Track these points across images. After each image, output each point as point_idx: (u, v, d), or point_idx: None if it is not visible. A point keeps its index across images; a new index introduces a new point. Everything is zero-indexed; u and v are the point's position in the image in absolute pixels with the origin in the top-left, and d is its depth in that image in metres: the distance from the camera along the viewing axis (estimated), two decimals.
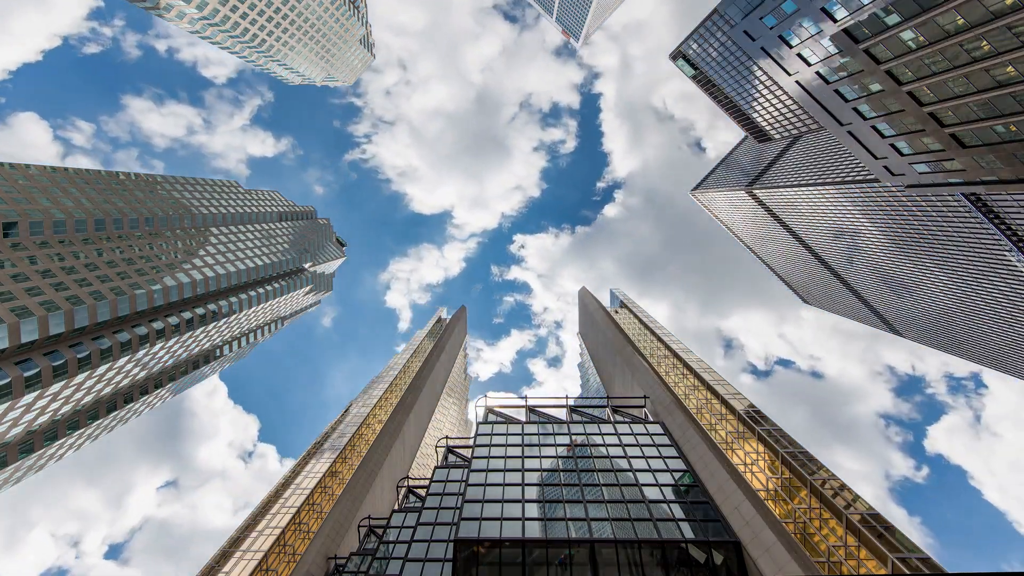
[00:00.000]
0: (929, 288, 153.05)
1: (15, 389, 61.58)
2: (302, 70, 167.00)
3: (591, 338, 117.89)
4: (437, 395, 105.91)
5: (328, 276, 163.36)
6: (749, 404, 47.62)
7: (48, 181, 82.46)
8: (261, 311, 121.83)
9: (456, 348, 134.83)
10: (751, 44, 61.72)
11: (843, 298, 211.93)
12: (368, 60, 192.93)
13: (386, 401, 75.72)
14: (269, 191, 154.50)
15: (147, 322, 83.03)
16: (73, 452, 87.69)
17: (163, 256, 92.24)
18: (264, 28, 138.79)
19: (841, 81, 54.84)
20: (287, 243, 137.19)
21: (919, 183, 58.62)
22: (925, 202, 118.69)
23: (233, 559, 41.83)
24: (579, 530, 38.48)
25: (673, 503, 41.89)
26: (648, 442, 52.69)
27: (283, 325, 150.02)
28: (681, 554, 36.97)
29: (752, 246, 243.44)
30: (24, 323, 61.85)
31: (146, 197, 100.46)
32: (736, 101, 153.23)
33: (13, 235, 70.95)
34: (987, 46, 39.93)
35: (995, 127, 44.62)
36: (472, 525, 39.38)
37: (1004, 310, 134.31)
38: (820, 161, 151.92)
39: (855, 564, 28.71)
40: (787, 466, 36.93)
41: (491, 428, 58.42)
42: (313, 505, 49.67)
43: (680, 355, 63.49)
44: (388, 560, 44.26)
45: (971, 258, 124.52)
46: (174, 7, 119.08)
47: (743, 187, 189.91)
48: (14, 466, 71.78)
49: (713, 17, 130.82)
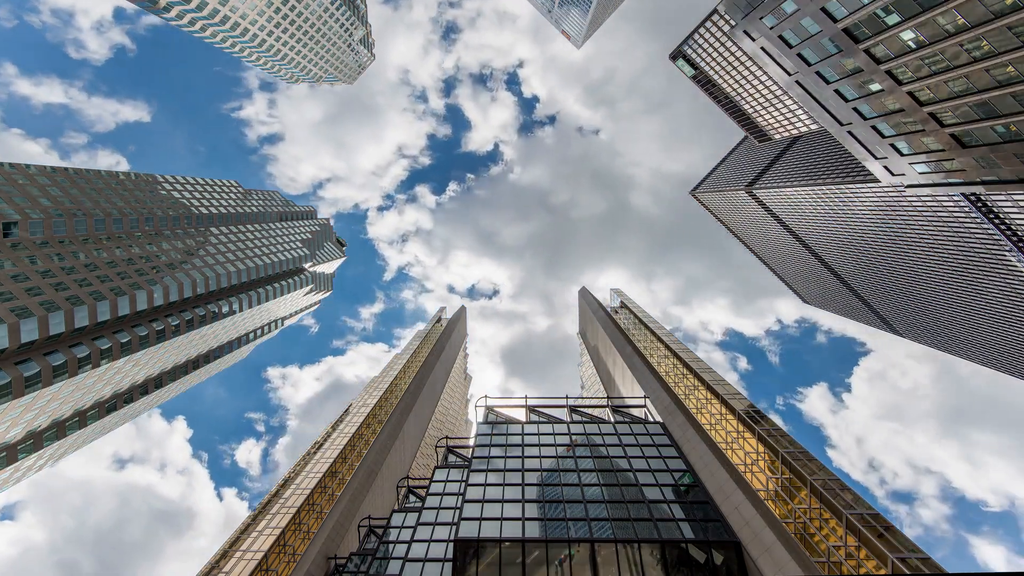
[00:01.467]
0: (929, 288, 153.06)
1: (15, 389, 61.58)
2: (302, 70, 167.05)
3: (591, 338, 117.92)
4: (437, 395, 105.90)
5: (328, 276, 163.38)
6: (749, 404, 47.64)
7: (48, 181, 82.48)
8: (261, 311, 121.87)
9: (456, 348, 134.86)
10: (751, 44, 61.72)
11: (843, 298, 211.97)
12: (369, 60, 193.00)
13: (386, 401, 75.73)
14: (269, 191, 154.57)
15: (147, 322, 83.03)
16: (73, 452, 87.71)
17: (163, 256, 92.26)
18: (264, 28, 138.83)
19: (841, 81, 54.84)
20: (286, 243, 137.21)
21: (919, 183, 58.63)
22: (925, 202, 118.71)
23: (233, 559, 41.83)
24: (579, 530, 38.47)
25: (673, 503, 41.89)
26: (648, 442, 52.69)
27: (283, 325, 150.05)
28: (681, 554, 36.97)
29: (752, 246, 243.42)
30: (24, 323, 61.85)
31: (146, 197, 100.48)
32: (736, 101, 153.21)
33: (13, 235, 70.96)
34: (987, 46, 39.94)
35: (995, 127, 44.63)
36: (472, 525, 39.38)
37: (1004, 310, 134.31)
38: (820, 161, 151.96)
39: (855, 564, 28.71)
40: (787, 466, 36.94)
41: (491, 428, 58.42)
42: (313, 505, 49.68)
43: (680, 355, 63.51)
44: (388, 560, 44.26)
45: (971, 258, 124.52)
46: (174, 7, 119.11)
47: (743, 187, 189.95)
48: (14, 466, 71.78)
49: (713, 17, 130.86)
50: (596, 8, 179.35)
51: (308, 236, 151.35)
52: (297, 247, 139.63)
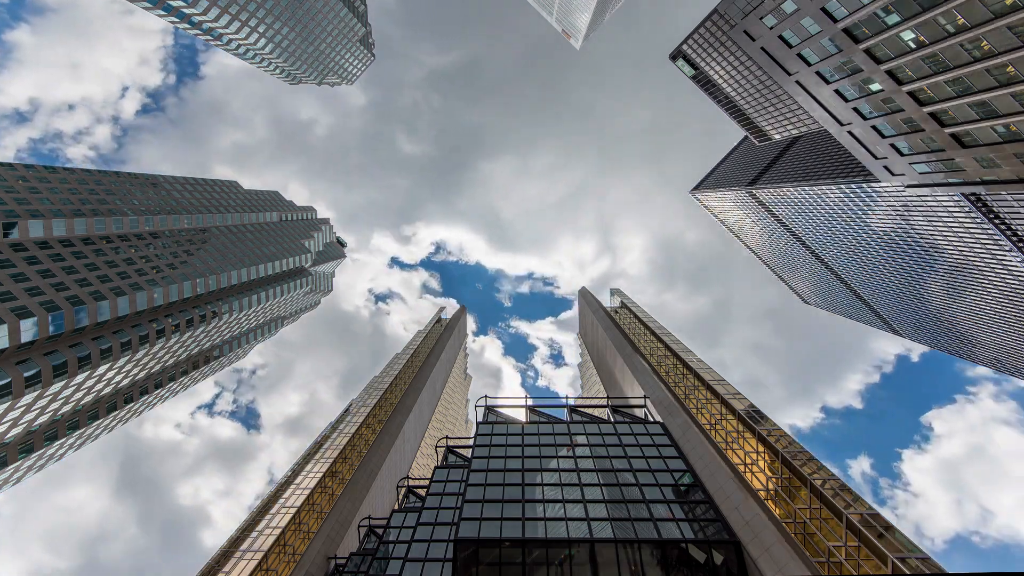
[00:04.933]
0: (929, 288, 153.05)
1: (15, 389, 61.59)
2: (301, 70, 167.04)
3: (591, 338, 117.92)
4: (437, 395, 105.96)
5: (328, 276, 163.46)
6: (749, 404, 47.66)
7: (48, 181, 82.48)
8: (261, 311, 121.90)
9: (456, 348, 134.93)
10: (751, 44, 61.72)
11: (843, 298, 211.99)
12: (368, 60, 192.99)
13: (386, 401, 75.75)
14: (269, 191, 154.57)
15: (147, 322, 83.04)
16: (73, 452, 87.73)
17: (163, 256, 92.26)
18: (264, 28, 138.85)
19: (841, 81, 54.85)
20: (286, 243, 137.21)
21: (919, 183, 58.63)
22: (925, 202, 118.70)
23: (233, 559, 41.83)
24: (579, 530, 38.44)
25: (673, 503, 41.86)
26: (648, 442, 52.66)
27: (283, 325, 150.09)
28: (681, 554, 36.96)
29: (752, 246, 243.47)
30: (24, 323, 61.86)
31: (146, 197, 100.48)
32: (736, 101, 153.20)
33: (13, 235, 70.95)
34: (987, 46, 39.94)
35: (995, 127, 44.64)
36: (472, 525, 39.35)
37: (1004, 310, 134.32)
38: (820, 161, 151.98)
39: (855, 564, 28.71)
40: (787, 466, 36.94)
41: (491, 428, 58.38)
42: (313, 505, 49.69)
43: (680, 355, 63.53)
44: (388, 560, 44.23)
45: (971, 258, 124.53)
46: (174, 7, 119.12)
47: (743, 187, 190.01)
48: (14, 466, 71.80)
49: (713, 17, 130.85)
50: (597, 7, 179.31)
51: (308, 236, 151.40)
52: (297, 247, 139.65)
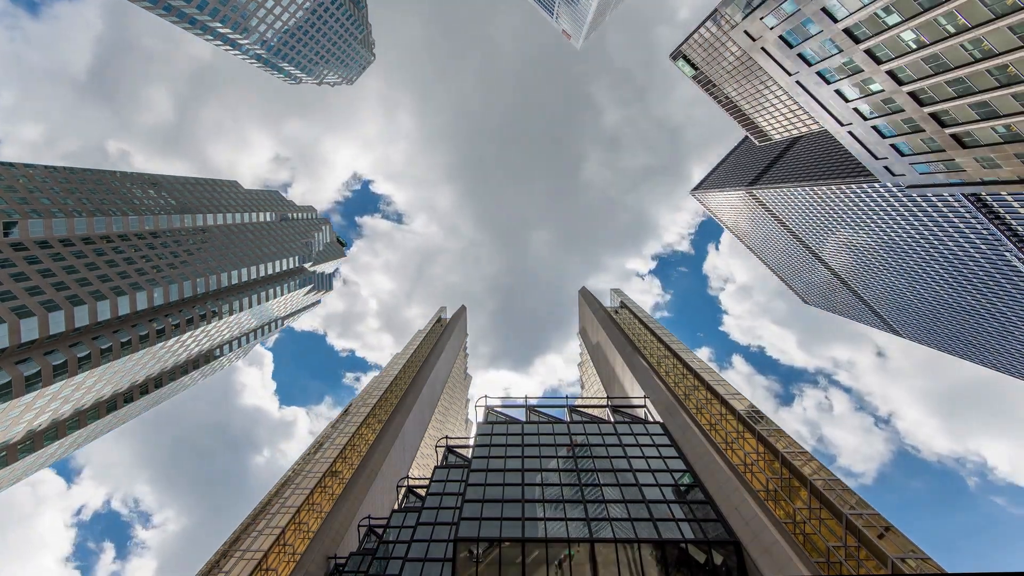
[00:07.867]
0: (929, 288, 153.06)
1: (15, 389, 61.61)
2: (301, 70, 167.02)
3: (591, 338, 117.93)
4: (437, 395, 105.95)
5: (328, 276, 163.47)
6: (749, 404, 47.67)
7: (48, 181, 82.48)
8: (261, 311, 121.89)
9: (456, 348, 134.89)
10: (751, 44, 61.72)
11: (843, 298, 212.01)
12: (369, 60, 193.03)
13: (386, 401, 75.75)
14: (269, 191, 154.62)
15: (147, 322, 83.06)
16: (73, 452, 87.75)
17: (163, 256, 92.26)
18: (264, 27, 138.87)
19: (841, 81, 54.85)
20: (286, 243, 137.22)
21: (919, 183, 58.64)
22: (925, 202, 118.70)
23: (233, 559, 41.82)
24: (579, 530, 38.46)
25: (673, 503, 41.86)
26: (648, 442, 52.67)
27: (283, 325, 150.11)
28: (681, 554, 36.96)
29: (752, 246, 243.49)
30: (24, 323, 61.87)
31: (146, 197, 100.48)
32: (736, 101, 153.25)
33: (13, 234, 70.96)
34: (987, 46, 39.95)
35: (995, 127, 44.65)
36: (472, 525, 39.36)
37: (1004, 310, 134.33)
38: (820, 161, 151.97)
39: (855, 564, 28.71)
40: (787, 466, 36.94)
41: (491, 428, 58.40)
42: (313, 505, 49.67)
43: (680, 355, 63.55)
44: (388, 560, 44.22)
45: (971, 258, 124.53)
46: (174, 7, 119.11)
47: (743, 187, 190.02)
48: (14, 466, 71.81)
49: (713, 16, 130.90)
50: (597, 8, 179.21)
51: (308, 236, 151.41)
52: (297, 247, 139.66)
